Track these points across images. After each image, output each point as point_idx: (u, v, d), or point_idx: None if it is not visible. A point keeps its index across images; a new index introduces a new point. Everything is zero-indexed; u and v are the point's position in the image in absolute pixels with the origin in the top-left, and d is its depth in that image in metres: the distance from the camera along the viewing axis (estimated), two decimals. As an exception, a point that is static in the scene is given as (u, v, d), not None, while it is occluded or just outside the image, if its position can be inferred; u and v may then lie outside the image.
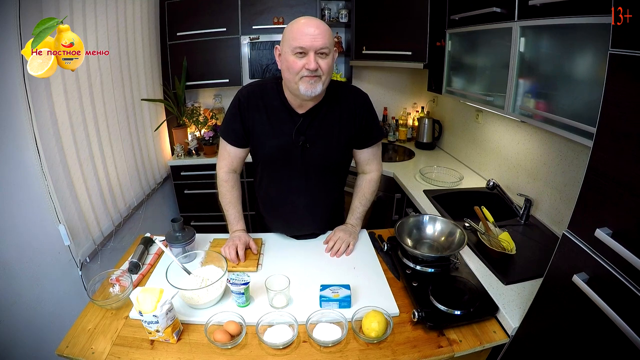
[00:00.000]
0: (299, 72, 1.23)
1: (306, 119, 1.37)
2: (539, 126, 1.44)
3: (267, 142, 1.40)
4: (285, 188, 1.49)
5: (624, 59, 0.76)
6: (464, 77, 2.06)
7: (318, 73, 1.23)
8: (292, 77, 1.25)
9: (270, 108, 1.38)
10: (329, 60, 1.25)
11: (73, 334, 1.14)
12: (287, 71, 1.26)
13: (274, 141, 1.39)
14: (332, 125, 1.39)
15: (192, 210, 3.14)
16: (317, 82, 1.24)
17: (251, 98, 1.39)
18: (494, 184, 1.85)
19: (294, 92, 1.30)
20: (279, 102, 1.38)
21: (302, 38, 1.20)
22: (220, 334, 1.08)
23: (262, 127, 1.39)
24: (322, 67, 1.23)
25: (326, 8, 3.09)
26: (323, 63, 1.23)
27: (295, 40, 1.21)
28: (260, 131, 1.40)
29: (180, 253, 1.39)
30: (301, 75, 1.23)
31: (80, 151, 1.91)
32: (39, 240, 1.63)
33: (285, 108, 1.37)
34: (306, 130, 1.37)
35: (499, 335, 1.15)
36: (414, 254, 1.37)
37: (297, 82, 1.25)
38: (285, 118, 1.37)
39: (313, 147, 1.39)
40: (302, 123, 1.37)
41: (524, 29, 1.47)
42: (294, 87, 1.27)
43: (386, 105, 3.42)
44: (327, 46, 1.22)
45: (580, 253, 0.88)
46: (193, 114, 3.09)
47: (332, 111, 1.39)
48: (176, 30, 2.91)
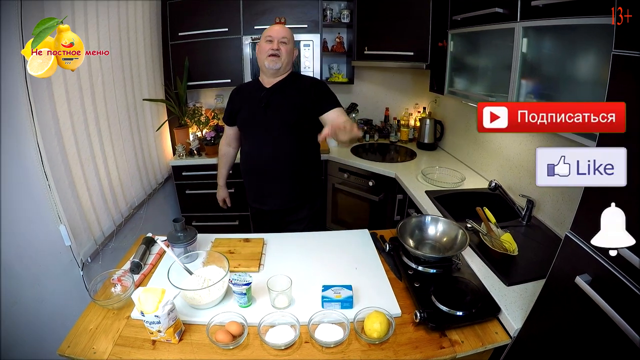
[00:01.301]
0: (267, 51, 1.74)
1: (270, 90, 1.81)
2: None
3: (243, 108, 1.87)
4: (256, 143, 1.85)
5: (628, 60, 0.76)
6: (466, 77, 2.06)
7: (279, 53, 1.74)
8: (261, 56, 1.77)
9: (249, 90, 1.89)
10: (288, 47, 1.77)
11: (74, 334, 1.14)
12: (260, 52, 1.79)
13: (246, 107, 1.86)
14: (289, 97, 1.81)
15: (194, 210, 3.13)
16: (277, 60, 1.75)
17: (237, 89, 1.95)
18: (496, 185, 1.85)
19: (262, 68, 1.81)
20: (254, 85, 1.88)
21: (271, 31, 1.78)
22: (222, 335, 1.08)
23: (241, 103, 1.88)
24: (281, 49, 1.75)
25: (328, 8, 3.09)
26: (283, 47, 1.75)
27: (267, 32, 1.79)
28: (240, 106, 1.88)
29: (182, 253, 1.39)
30: (267, 54, 1.74)
31: (82, 151, 1.91)
32: (40, 240, 1.63)
33: (257, 87, 1.85)
34: (270, 97, 1.81)
35: (501, 337, 1.15)
36: (416, 254, 1.37)
37: (265, 59, 1.75)
38: (256, 92, 1.84)
39: (273, 108, 1.80)
40: (267, 92, 1.81)
41: (526, 29, 1.46)
42: (262, 64, 1.79)
43: (388, 105, 3.41)
44: (287, 37, 1.77)
45: (583, 254, 0.88)
46: (195, 114, 3.09)
47: (291, 88, 1.82)
48: (178, 30, 2.91)
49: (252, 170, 1.92)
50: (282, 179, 1.86)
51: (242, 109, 1.86)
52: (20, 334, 1.51)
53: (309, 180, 1.93)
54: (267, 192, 1.89)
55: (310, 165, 1.94)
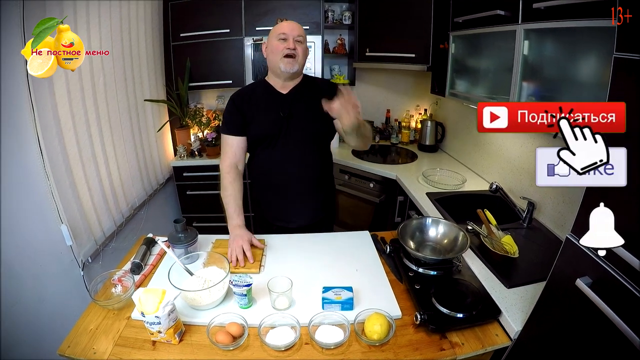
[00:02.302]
0: (281, 51, 1.52)
1: (288, 97, 1.61)
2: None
3: (259, 119, 1.60)
4: (277, 158, 1.63)
5: (629, 63, 0.76)
6: (467, 79, 2.06)
7: (295, 53, 1.53)
8: (275, 57, 1.54)
9: (259, 96, 1.63)
10: (303, 47, 1.57)
11: (75, 334, 1.14)
12: (272, 53, 1.55)
13: (263, 117, 1.60)
14: (311, 101, 1.58)
15: (195, 211, 3.14)
16: (294, 62, 1.54)
17: (242, 95, 1.65)
18: (496, 187, 1.85)
19: (275, 71, 1.58)
20: (265, 89, 1.64)
21: (284, 28, 1.54)
22: (223, 336, 1.08)
23: (253, 111, 1.61)
24: (297, 50, 1.53)
25: (329, 10, 3.10)
26: (299, 47, 1.54)
27: (279, 29, 1.54)
28: (252, 115, 1.61)
29: (182, 254, 1.39)
30: (282, 54, 1.52)
31: (83, 151, 1.91)
32: (40, 241, 1.63)
33: (270, 92, 1.63)
34: (290, 105, 1.60)
35: (502, 339, 1.15)
36: (417, 256, 1.36)
37: (279, 61, 1.53)
38: (271, 99, 1.62)
39: (297, 118, 1.60)
40: (286, 99, 1.61)
41: (527, 31, 1.46)
42: (276, 67, 1.55)
43: (389, 107, 3.41)
44: (302, 35, 1.55)
45: (584, 257, 0.88)
46: (196, 115, 3.10)
47: (309, 91, 1.64)
48: (180, 31, 2.92)
49: (272, 188, 1.69)
50: (308, 195, 1.69)
51: (257, 119, 1.60)
52: (21, 334, 1.51)
53: (331, 190, 1.82)
54: (293, 211, 1.70)
55: (330, 175, 1.81)
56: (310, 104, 1.57)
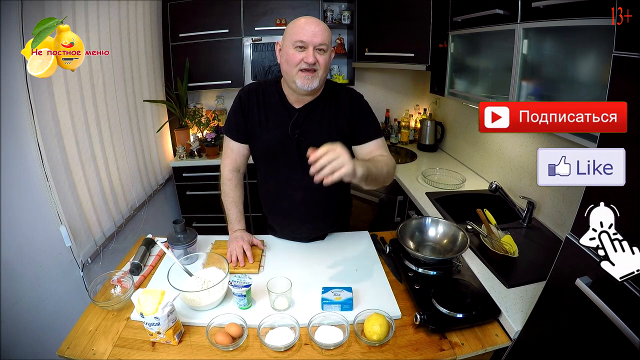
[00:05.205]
0: (298, 64, 1.27)
1: (302, 113, 1.40)
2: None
3: (264, 135, 1.42)
4: (283, 182, 1.48)
5: (628, 62, 0.76)
6: (467, 79, 2.06)
7: (315, 67, 1.28)
8: (290, 70, 1.30)
9: (269, 103, 1.42)
10: (326, 56, 1.30)
11: (74, 335, 1.14)
12: (286, 63, 1.30)
13: (270, 134, 1.41)
14: (327, 121, 1.41)
15: (194, 211, 3.14)
16: (314, 77, 1.29)
17: (251, 94, 1.43)
18: (496, 187, 1.84)
19: (291, 85, 1.34)
20: (277, 98, 1.42)
21: (303, 33, 1.25)
22: (222, 336, 1.08)
23: (260, 121, 1.42)
24: (319, 62, 1.28)
25: (329, 9, 3.09)
26: (320, 58, 1.28)
27: (296, 35, 1.26)
28: (257, 125, 1.43)
29: (182, 255, 1.39)
30: (299, 68, 1.28)
31: (82, 152, 1.91)
32: (40, 241, 1.63)
33: (283, 103, 1.41)
34: (302, 124, 1.40)
35: (502, 339, 1.15)
36: (416, 256, 1.36)
37: (295, 75, 1.29)
38: (282, 112, 1.41)
39: (308, 140, 1.38)
40: (298, 117, 1.39)
41: (527, 30, 1.46)
42: (291, 80, 1.31)
43: (388, 107, 3.41)
44: (325, 43, 1.27)
45: (584, 256, 0.88)
46: (195, 115, 3.09)
47: (329, 107, 1.42)
48: (179, 31, 2.92)
49: (279, 213, 1.57)
50: (318, 219, 1.56)
51: (261, 131, 1.42)
52: (20, 335, 1.51)
53: (347, 207, 1.71)
54: (301, 232, 1.58)
55: (347, 195, 1.68)
56: (327, 120, 1.40)
